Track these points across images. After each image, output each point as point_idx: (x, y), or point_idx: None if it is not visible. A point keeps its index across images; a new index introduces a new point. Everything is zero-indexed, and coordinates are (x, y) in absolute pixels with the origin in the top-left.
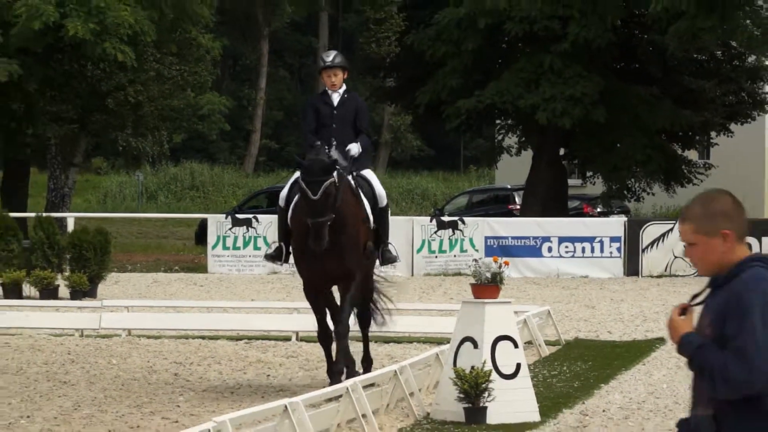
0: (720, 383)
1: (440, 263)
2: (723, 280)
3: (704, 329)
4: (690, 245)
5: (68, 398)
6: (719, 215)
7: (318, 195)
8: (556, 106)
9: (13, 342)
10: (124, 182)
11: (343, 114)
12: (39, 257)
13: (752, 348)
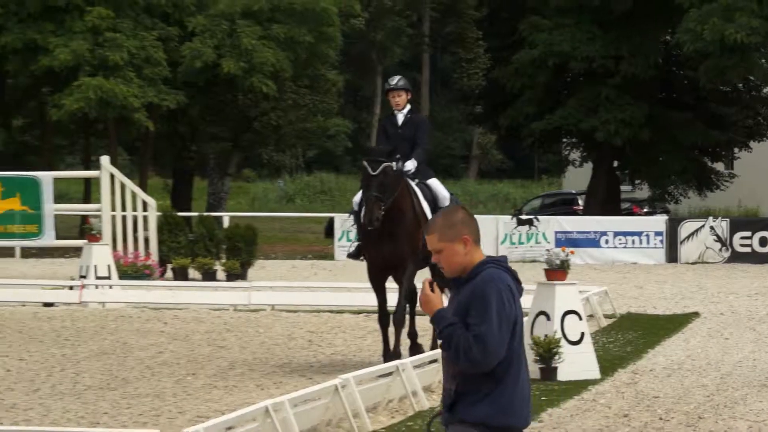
0: (463, 359)
1: (519, 252)
2: (466, 279)
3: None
4: (437, 252)
5: (224, 360)
6: (458, 224)
7: (377, 172)
8: (611, 127)
9: (181, 315)
10: (268, 188)
11: (405, 132)
12: (201, 248)
13: (489, 336)
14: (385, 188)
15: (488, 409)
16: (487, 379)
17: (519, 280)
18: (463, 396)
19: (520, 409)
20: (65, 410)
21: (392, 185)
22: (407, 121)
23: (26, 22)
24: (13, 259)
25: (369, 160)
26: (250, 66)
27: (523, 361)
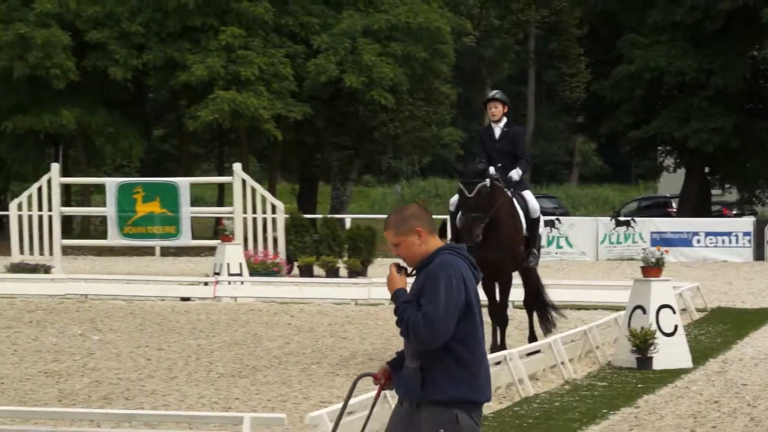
0: (412, 336)
1: (618, 251)
2: (424, 264)
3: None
4: (396, 246)
5: (346, 350)
6: (410, 218)
7: (472, 193)
8: (702, 136)
9: (306, 309)
10: (386, 193)
11: (503, 145)
12: (325, 247)
13: (435, 316)
14: (481, 207)
15: (459, 388)
16: (455, 359)
17: (476, 266)
18: (431, 376)
19: (486, 385)
20: (200, 396)
21: (488, 203)
22: (504, 135)
23: (166, 42)
24: (154, 258)
25: (464, 182)
26: (370, 80)
27: (483, 340)
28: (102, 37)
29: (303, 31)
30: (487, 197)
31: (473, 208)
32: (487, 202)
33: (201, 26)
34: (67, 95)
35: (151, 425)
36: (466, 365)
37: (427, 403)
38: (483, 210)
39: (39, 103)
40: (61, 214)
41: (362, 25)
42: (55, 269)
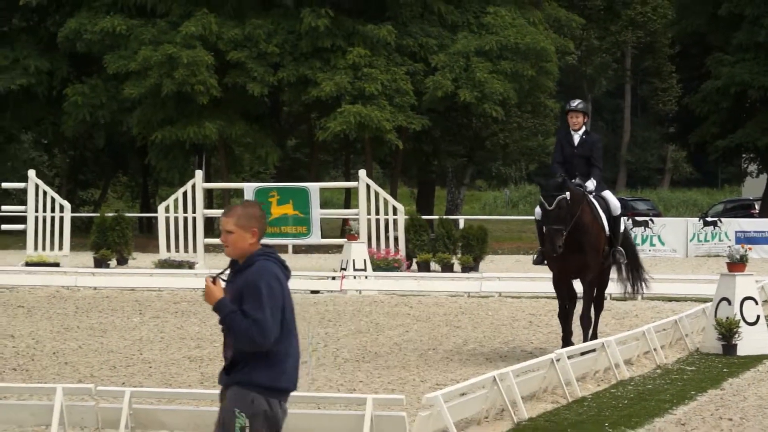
0: (245, 341)
1: (705, 249)
2: (242, 267)
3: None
4: (228, 232)
5: (459, 337)
6: (253, 218)
7: (552, 206)
8: None
9: (424, 300)
10: (496, 196)
11: (581, 152)
12: (441, 245)
13: (264, 321)
14: (561, 220)
15: (264, 374)
16: (264, 352)
17: (287, 267)
18: (241, 363)
19: (291, 375)
20: (328, 379)
21: (568, 214)
22: (583, 142)
23: (299, 61)
24: (286, 255)
25: (545, 196)
26: (483, 95)
27: (293, 333)
28: (241, 56)
29: (422, 50)
30: (567, 209)
31: (554, 220)
32: (566, 213)
33: (330, 47)
34: (209, 109)
35: None
36: (272, 356)
37: (232, 385)
38: (563, 222)
39: (185, 116)
40: (203, 216)
41: (475, 46)
42: (198, 265)
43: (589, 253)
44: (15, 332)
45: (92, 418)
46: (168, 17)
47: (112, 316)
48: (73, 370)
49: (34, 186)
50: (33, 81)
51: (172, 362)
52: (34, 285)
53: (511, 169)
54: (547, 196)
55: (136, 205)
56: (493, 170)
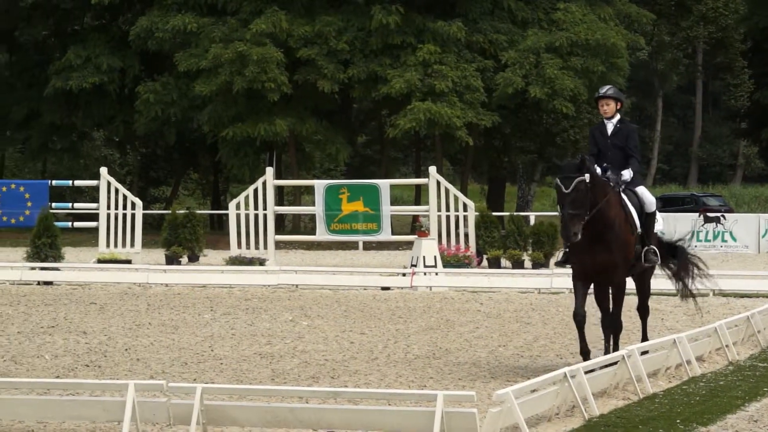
0: None
1: None
2: None
3: None
4: None
5: (530, 334)
6: None
7: (569, 189)
8: None
9: (494, 297)
10: None
11: (615, 142)
12: (511, 241)
13: None
14: (579, 204)
15: None
16: None
17: None
18: None
19: None
20: (398, 375)
21: (586, 199)
22: (617, 131)
23: (369, 58)
24: (357, 251)
25: (561, 178)
26: (553, 91)
27: None
28: (312, 54)
29: (492, 47)
30: (586, 193)
31: (571, 204)
32: (585, 198)
33: (400, 44)
34: (280, 106)
35: (354, 401)
36: None
37: None
38: (581, 206)
39: (255, 113)
40: (274, 213)
41: (545, 42)
42: (269, 262)
43: (616, 251)
44: (87, 329)
45: (164, 414)
46: (238, 15)
47: (183, 313)
48: (145, 366)
49: (106, 183)
50: (105, 79)
51: (243, 359)
52: (106, 282)
53: None
54: (564, 178)
55: (207, 202)
56: None
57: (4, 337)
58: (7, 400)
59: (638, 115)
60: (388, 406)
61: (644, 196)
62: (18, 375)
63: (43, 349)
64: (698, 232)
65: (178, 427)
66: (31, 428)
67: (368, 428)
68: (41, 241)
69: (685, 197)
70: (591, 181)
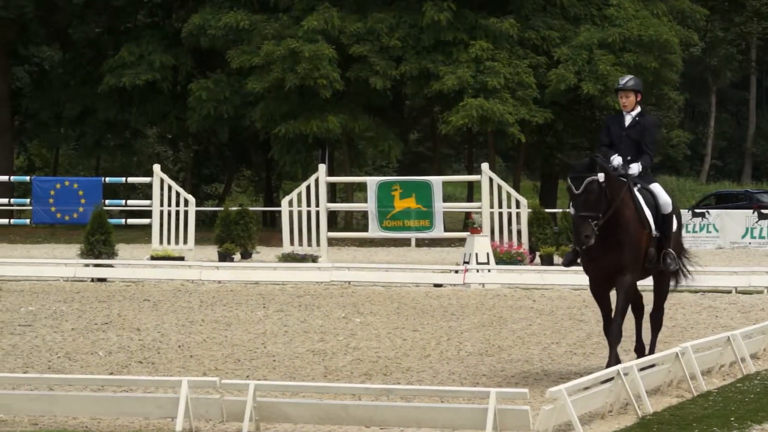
0: None
1: None
2: None
3: None
4: None
5: (583, 331)
6: None
7: (580, 190)
8: None
9: (547, 294)
10: None
11: (632, 135)
12: (564, 238)
13: None
14: (591, 205)
15: None
16: None
17: None
18: None
19: None
20: (451, 372)
21: (600, 200)
22: (634, 124)
23: (421, 54)
24: (410, 248)
25: (572, 178)
26: (606, 88)
27: None
28: (364, 50)
29: (544, 43)
30: (599, 193)
31: (583, 206)
32: (598, 199)
33: (452, 40)
34: (332, 103)
35: (407, 398)
36: None
37: None
38: (593, 208)
39: (307, 110)
40: (327, 210)
41: (598, 38)
42: (322, 259)
43: (627, 253)
44: (141, 325)
45: (217, 411)
46: (290, 12)
47: (236, 310)
48: (198, 363)
49: (159, 180)
50: (158, 76)
51: (295, 355)
52: (160, 279)
53: None
54: (575, 178)
55: (259, 199)
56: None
57: (59, 334)
58: (62, 397)
59: (691, 112)
60: (440, 403)
61: (660, 195)
62: (72, 371)
63: (97, 346)
64: (752, 229)
65: (230, 424)
66: (85, 424)
67: (421, 425)
68: (95, 238)
69: (739, 194)
70: (606, 179)
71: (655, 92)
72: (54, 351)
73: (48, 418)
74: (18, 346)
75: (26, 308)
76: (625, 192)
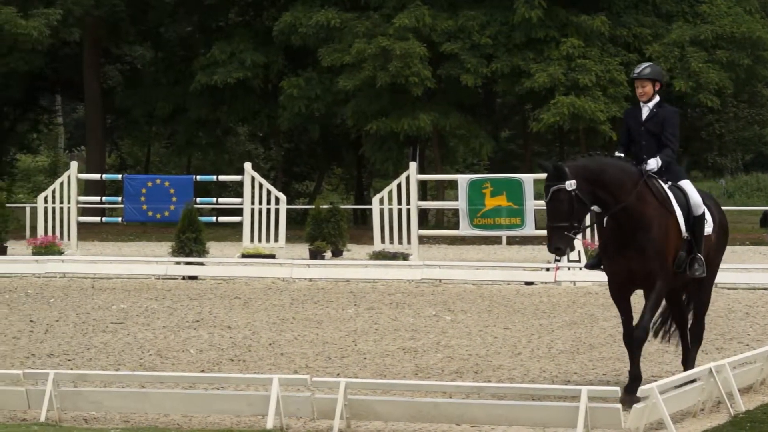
0: None
1: None
2: None
3: None
4: None
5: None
6: None
7: (547, 199)
8: None
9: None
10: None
11: (650, 128)
12: None
13: None
14: (561, 215)
15: None
16: None
17: None
18: None
19: None
20: (542, 370)
21: (571, 209)
22: (652, 116)
23: (512, 52)
24: (501, 246)
25: (544, 186)
26: (698, 85)
27: None
28: (455, 48)
29: (636, 41)
30: (569, 203)
31: (551, 216)
32: (569, 208)
33: (543, 38)
34: (423, 101)
35: (498, 397)
36: None
37: None
38: (563, 218)
39: (399, 108)
40: (417, 207)
41: (690, 35)
42: (412, 256)
43: (651, 257)
44: (232, 323)
45: (307, 409)
46: (381, 10)
47: (327, 308)
48: (289, 360)
49: (250, 178)
50: (249, 74)
51: (386, 353)
52: (251, 276)
53: (727, 160)
54: (545, 186)
55: (350, 197)
56: (708, 160)
57: (150, 332)
58: (154, 394)
59: None
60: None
61: (692, 195)
62: (164, 369)
63: (188, 344)
64: None
65: (321, 422)
66: (176, 422)
67: (512, 423)
68: (186, 236)
69: None
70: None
71: (748, 89)
72: (145, 349)
73: (139, 415)
74: (110, 343)
75: (118, 306)
76: (643, 187)
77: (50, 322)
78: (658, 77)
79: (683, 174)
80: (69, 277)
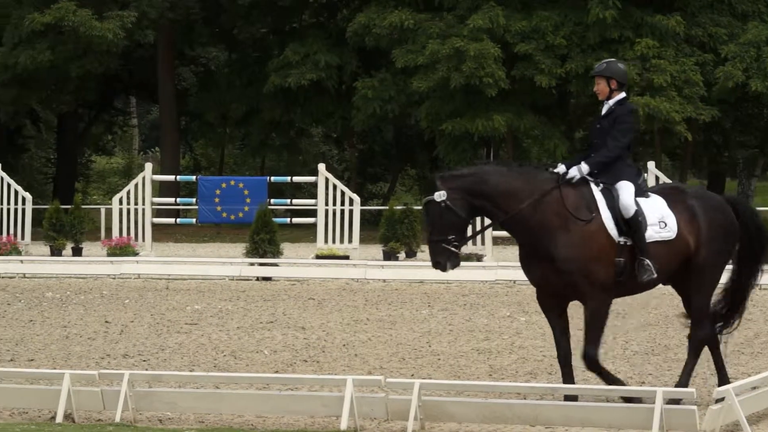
0: None
1: None
2: None
3: None
4: None
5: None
6: None
7: (424, 213)
8: None
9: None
10: None
11: (604, 126)
12: None
13: None
14: (438, 228)
15: None
16: None
17: None
18: None
19: None
20: (616, 371)
21: (447, 222)
22: (608, 114)
23: (586, 52)
24: None
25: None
26: None
27: None
28: (529, 49)
29: (711, 41)
30: (443, 215)
31: (429, 230)
32: (445, 221)
33: (618, 38)
34: (497, 101)
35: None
36: None
37: None
38: (440, 231)
39: (472, 108)
40: None
41: (766, 35)
42: (487, 257)
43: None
44: (306, 324)
45: (381, 410)
46: (455, 11)
47: (401, 309)
48: (363, 361)
49: (324, 180)
50: (323, 76)
51: (460, 354)
52: (325, 277)
53: None
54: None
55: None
56: None
57: (224, 333)
58: (228, 395)
59: None
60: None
61: (622, 197)
62: (238, 370)
63: (262, 345)
64: None
65: (395, 423)
66: (250, 422)
67: (585, 425)
68: (260, 237)
69: None
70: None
71: None
72: (220, 349)
73: (214, 416)
74: (184, 344)
75: (192, 307)
76: (548, 195)
77: (125, 323)
78: (613, 74)
79: (628, 173)
80: (144, 278)
